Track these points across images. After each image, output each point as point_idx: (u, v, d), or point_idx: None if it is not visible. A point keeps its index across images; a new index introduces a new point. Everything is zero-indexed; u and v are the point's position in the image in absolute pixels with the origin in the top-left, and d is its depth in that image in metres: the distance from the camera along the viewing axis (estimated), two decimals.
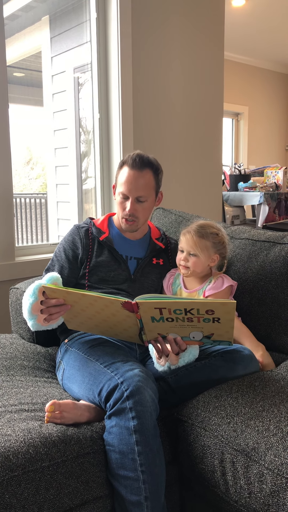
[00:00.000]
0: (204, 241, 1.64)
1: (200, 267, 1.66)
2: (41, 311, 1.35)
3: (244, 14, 5.26)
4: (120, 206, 1.64)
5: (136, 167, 1.59)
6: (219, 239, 1.67)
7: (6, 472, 1.06)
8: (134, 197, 1.60)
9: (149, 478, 1.16)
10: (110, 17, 2.67)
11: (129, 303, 1.25)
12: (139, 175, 1.59)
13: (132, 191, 1.60)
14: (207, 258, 1.65)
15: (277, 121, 7.77)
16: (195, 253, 1.64)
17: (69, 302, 1.34)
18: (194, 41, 3.10)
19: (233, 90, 6.78)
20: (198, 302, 1.22)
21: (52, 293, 1.33)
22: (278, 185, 4.65)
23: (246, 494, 1.14)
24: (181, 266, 1.68)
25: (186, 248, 1.65)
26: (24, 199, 6.84)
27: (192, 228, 1.67)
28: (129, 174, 1.60)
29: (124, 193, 1.61)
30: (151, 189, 1.63)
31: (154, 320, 1.28)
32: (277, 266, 1.72)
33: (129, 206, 1.61)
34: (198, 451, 1.26)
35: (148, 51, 2.83)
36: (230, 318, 1.24)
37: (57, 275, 1.41)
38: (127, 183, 1.60)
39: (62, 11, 3.00)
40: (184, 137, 3.15)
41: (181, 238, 1.69)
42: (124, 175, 1.61)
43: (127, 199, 1.62)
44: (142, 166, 1.60)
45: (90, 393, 1.31)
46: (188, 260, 1.65)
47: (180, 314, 1.25)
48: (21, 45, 3.70)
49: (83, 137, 3.01)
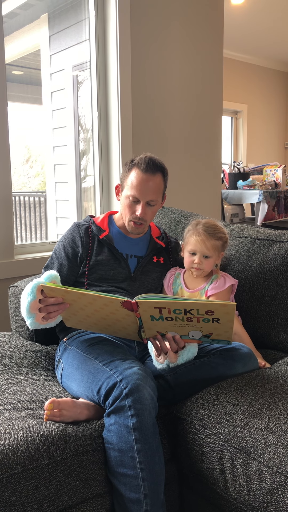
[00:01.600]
0: (216, 241, 1.64)
1: (211, 267, 1.68)
2: (39, 310, 1.35)
3: (243, 12, 5.25)
4: (128, 209, 1.62)
5: (149, 171, 1.58)
6: (226, 238, 1.69)
7: (5, 470, 1.06)
8: (146, 201, 1.60)
9: (148, 475, 1.17)
10: (109, 15, 2.66)
11: (129, 302, 1.25)
12: (151, 179, 1.59)
13: (145, 195, 1.59)
14: (217, 257, 1.67)
15: (276, 119, 7.77)
16: (210, 254, 1.64)
17: (68, 300, 1.33)
18: (193, 39, 3.09)
19: (232, 88, 6.78)
20: (198, 303, 1.22)
21: (51, 292, 1.32)
22: (277, 183, 4.65)
23: (245, 492, 1.14)
24: (193, 269, 1.67)
25: (200, 250, 1.63)
26: (23, 197, 6.83)
27: (201, 229, 1.65)
28: (142, 178, 1.58)
29: (136, 196, 1.59)
30: (160, 193, 1.64)
31: (153, 319, 1.28)
32: (276, 264, 1.72)
33: (140, 210, 1.59)
34: (197, 449, 1.26)
35: (147, 49, 2.83)
36: (230, 319, 1.24)
37: (55, 273, 1.41)
38: (139, 186, 1.58)
39: (61, 9, 3.00)
40: (183, 135, 3.14)
41: (190, 239, 1.66)
42: (136, 179, 1.59)
43: (137, 203, 1.60)
44: (155, 170, 1.59)
45: (89, 391, 1.31)
46: (202, 263, 1.64)
47: (179, 314, 1.24)
48: (20, 43, 3.69)
49: (82, 135, 3.00)
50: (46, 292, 1.33)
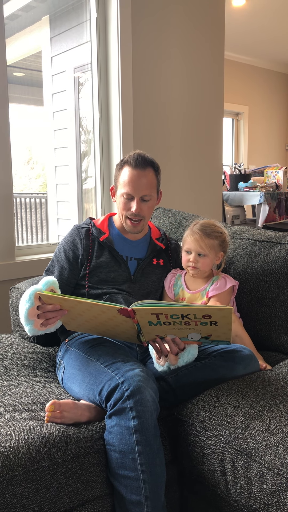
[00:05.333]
0: (212, 240, 1.65)
1: (208, 266, 1.67)
2: (37, 316, 1.35)
3: (244, 13, 5.26)
4: (123, 207, 1.63)
5: (139, 167, 1.59)
6: (224, 237, 1.69)
7: (6, 471, 1.06)
8: (139, 197, 1.60)
9: (149, 477, 1.17)
10: (110, 17, 2.67)
11: (125, 310, 1.25)
12: (142, 174, 1.60)
13: (138, 191, 1.60)
14: (214, 256, 1.67)
15: (277, 120, 7.77)
16: (205, 253, 1.64)
17: (66, 307, 1.34)
18: (195, 41, 3.10)
19: (233, 89, 6.78)
20: (194, 308, 1.22)
21: (48, 300, 1.33)
22: (278, 185, 4.65)
23: (246, 494, 1.14)
24: (189, 268, 1.67)
25: (194, 249, 1.65)
26: (24, 199, 6.84)
27: (197, 228, 1.67)
28: (132, 173, 1.59)
29: (129, 193, 1.60)
30: (154, 188, 1.64)
31: (151, 324, 1.28)
32: (278, 266, 1.72)
33: (135, 206, 1.60)
34: (198, 451, 1.26)
35: (148, 50, 2.83)
36: (228, 322, 1.24)
37: (53, 279, 1.41)
38: (131, 182, 1.59)
39: (62, 11, 3.00)
40: (184, 137, 3.15)
41: (186, 239, 1.68)
42: (127, 175, 1.60)
43: (131, 200, 1.61)
44: (145, 165, 1.60)
45: (90, 393, 1.31)
46: (197, 261, 1.65)
47: (177, 319, 1.25)
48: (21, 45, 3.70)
49: (83, 136, 3.01)
50: (43, 300, 1.33)
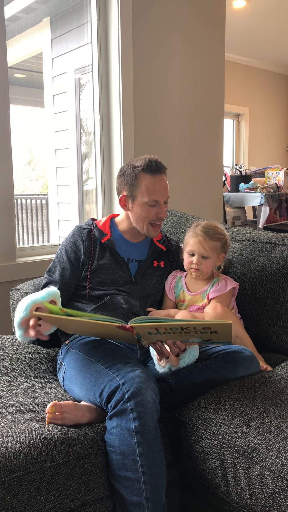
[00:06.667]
0: (214, 242, 1.66)
1: (210, 268, 1.68)
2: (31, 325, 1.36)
3: (245, 15, 5.26)
4: (147, 215, 1.63)
5: (158, 172, 1.62)
6: (226, 239, 1.69)
7: (7, 473, 1.06)
8: (163, 200, 1.64)
9: (150, 479, 1.16)
10: (111, 19, 2.67)
11: (124, 327, 1.26)
12: (161, 179, 1.63)
13: (163, 196, 1.63)
14: (216, 258, 1.68)
15: (278, 122, 7.77)
16: (208, 255, 1.64)
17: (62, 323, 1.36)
18: (195, 42, 3.10)
19: (234, 91, 6.79)
20: (194, 323, 1.22)
21: (44, 318, 1.34)
22: (279, 186, 4.65)
23: (247, 496, 1.14)
24: (192, 270, 1.68)
25: (198, 251, 1.65)
26: (25, 200, 6.85)
27: (200, 230, 1.67)
28: (154, 180, 1.61)
29: (157, 199, 1.61)
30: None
31: (151, 334, 1.29)
32: (278, 267, 1.72)
33: (163, 210, 1.64)
34: (199, 452, 1.26)
35: (149, 52, 2.84)
36: (228, 331, 1.24)
37: (55, 291, 1.42)
38: (157, 189, 1.61)
39: (63, 13, 3.01)
40: (185, 138, 3.15)
41: (188, 241, 1.68)
42: (149, 182, 1.60)
43: (156, 205, 1.62)
44: (162, 169, 1.64)
45: (91, 394, 1.31)
46: (200, 263, 1.65)
47: (176, 330, 1.25)
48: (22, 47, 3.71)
49: (84, 138, 3.01)
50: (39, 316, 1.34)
